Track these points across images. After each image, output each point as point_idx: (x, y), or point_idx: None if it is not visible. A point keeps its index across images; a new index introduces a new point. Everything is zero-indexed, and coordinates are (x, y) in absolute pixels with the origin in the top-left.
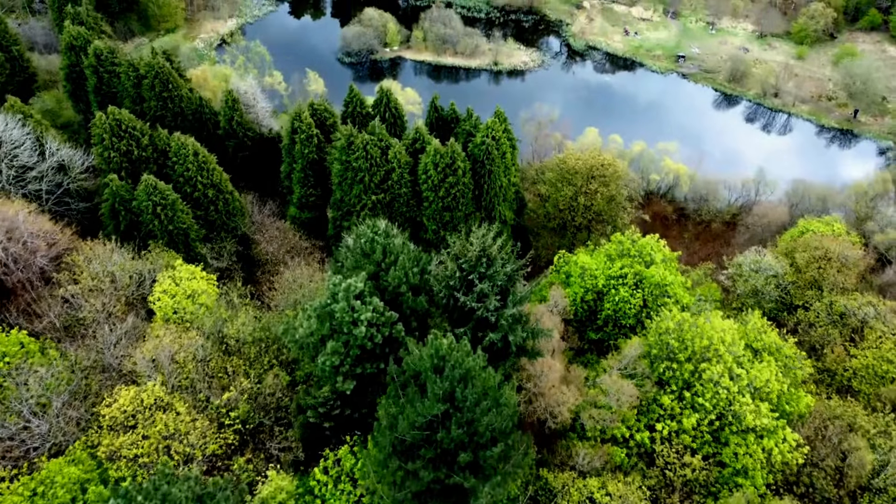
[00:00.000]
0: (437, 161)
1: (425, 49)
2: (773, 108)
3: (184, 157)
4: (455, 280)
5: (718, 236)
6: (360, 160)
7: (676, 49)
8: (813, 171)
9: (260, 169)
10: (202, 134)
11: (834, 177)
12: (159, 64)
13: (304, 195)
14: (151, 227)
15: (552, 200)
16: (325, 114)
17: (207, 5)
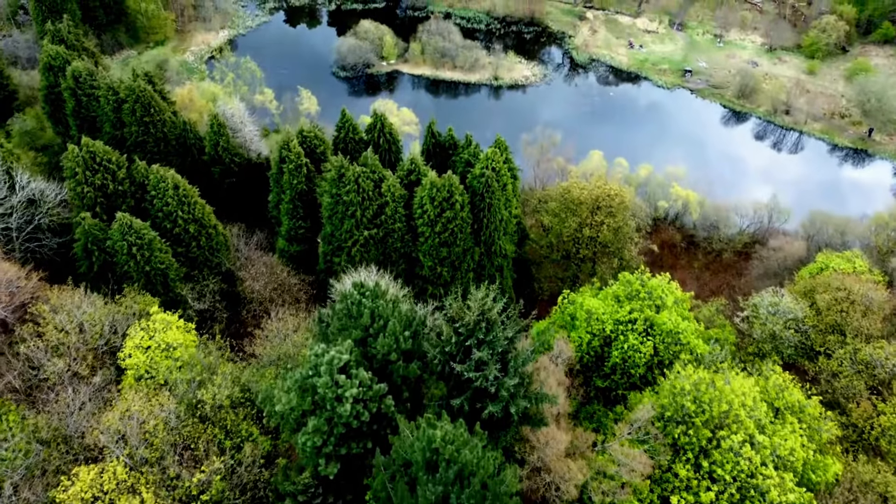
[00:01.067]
0: (434, 195)
1: (423, 62)
2: (784, 126)
3: (163, 190)
4: (451, 346)
5: (730, 266)
6: (352, 194)
7: (683, 63)
8: (827, 193)
9: (248, 196)
10: (186, 160)
11: (849, 200)
12: (140, 87)
13: (292, 227)
14: (127, 269)
15: (555, 231)
16: (315, 141)
17: (198, 17)
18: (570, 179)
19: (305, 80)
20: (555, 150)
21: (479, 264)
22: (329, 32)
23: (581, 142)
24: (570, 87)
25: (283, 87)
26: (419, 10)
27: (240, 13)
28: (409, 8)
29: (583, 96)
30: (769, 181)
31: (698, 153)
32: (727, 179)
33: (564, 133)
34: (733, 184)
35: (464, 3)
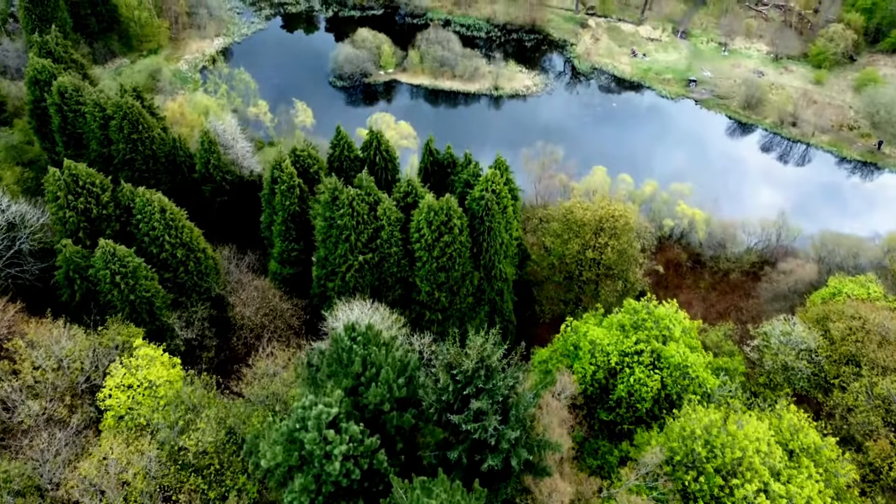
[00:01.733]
0: (431, 218)
1: (422, 72)
2: (790, 139)
3: (149, 214)
4: (448, 394)
5: (737, 287)
6: (346, 217)
7: (687, 72)
8: (836, 209)
9: (240, 215)
10: (176, 178)
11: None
12: (128, 104)
13: (285, 250)
14: (110, 298)
15: (557, 253)
16: (308, 160)
17: (193, 24)
18: (572, 197)
19: (301, 90)
20: (557, 166)
21: (478, 288)
22: (327, 39)
23: (584, 154)
24: (572, 96)
25: (279, 97)
26: (418, 18)
27: (235, 20)
28: (407, 15)
29: (585, 107)
30: (776, 196)
31: (704, 166)
32: (733, 194)
33: (566, 145)
34: (740, 199)
35: (463, 9)
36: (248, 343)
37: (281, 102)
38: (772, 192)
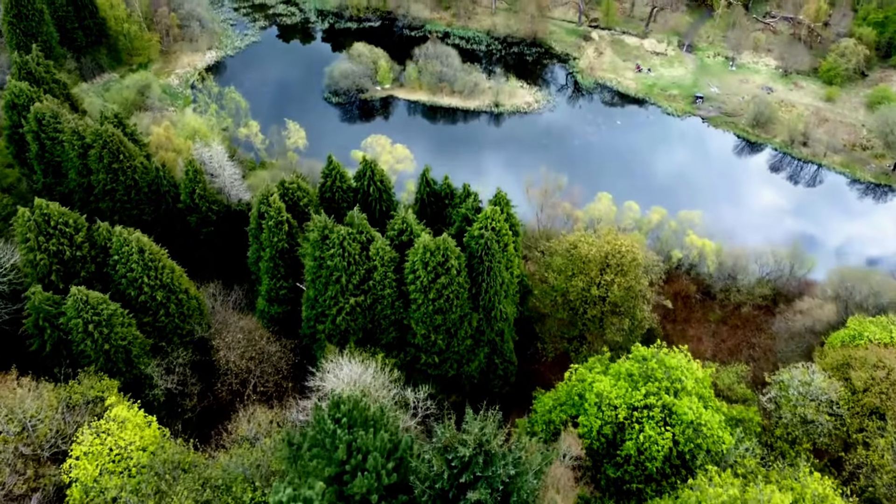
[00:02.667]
0: (427, 259)
1: (420, 87)
2: (801, 159)
3: (126, 255)
4: (442, 481)
5: (749, 321)
6: (336, 258)
7: (694, 88)
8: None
9: (227, 245)
10: (160, 208)
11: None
12: (108, 132)
13: (273, 287)
14: (83, 348)
15: (560, 289)
16: (298, 193)
17: (184, 37)
18: (576, 228)
19: (296, 106)
20: (561, 193)
21: (477, 330)
22: (322, 51)
23: (587, 175)
24: (575, 113)
25: (272, 114)
26: (416, 30)
27: (228, 32)
28: (405, 27)
29: (588, 124)
30: (788, 220)
31: (713, 190)
32: (743, 219)
33: (570, 166)
34: (750, 224)
35: (463, 21)
36: (232, 389)
37: (274, 119)
38: (783, 216)
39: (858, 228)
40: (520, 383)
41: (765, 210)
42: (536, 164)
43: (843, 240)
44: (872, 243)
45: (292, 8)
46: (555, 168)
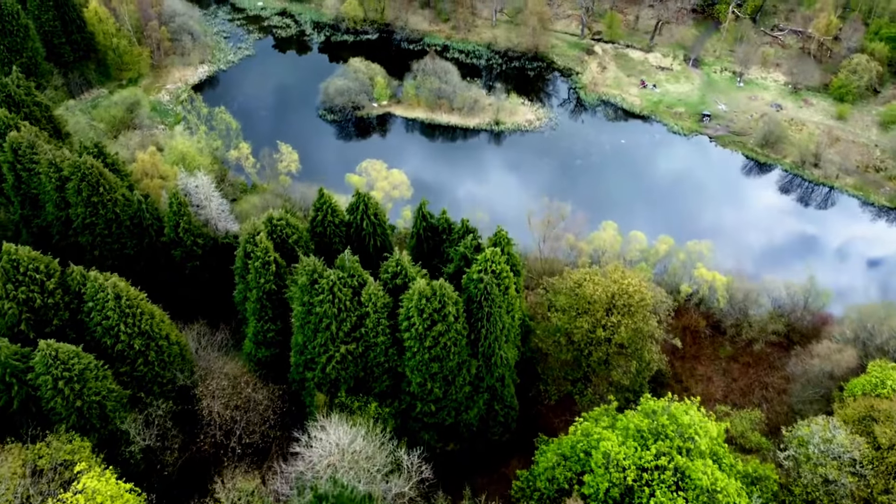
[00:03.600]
0: (423, 306)
1: (418, 104)
2: (813, 181)
3: (102, 302)
4: None
5: (762, 359)
6: (326, 305)
7: (700, 105)
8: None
9: (213, 281)
10: (143, 241)
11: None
12: (87, 164)
13: (260, 330)
14: (53, 405)
15: (564, 330)
16: (287, 230)
17: (176, 51)
18: (580, 263)
19: (289, 123)
20: (564, 224)
21: (476, 376)
22: (318, 65)
23: (591, 198)
24: (578, 131)
25: (264, 132)
26: (414, 43)
27: (221, 45)
28: (403, 40)
29: (591, 144)
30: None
31: (721, 215)
32: (753, 244)
33: (572, 188)
34: (760, 249)
35: (462, 34)
36: (216, 441)
37: (267, 137)
38: (794, 242)
39: (874, 255)
40: (521, 428)
41: (775, 236)
42: (538, 186)
43: (858, 267)
44: (890, 272)
45: (288, 20)
46: (557, 191)
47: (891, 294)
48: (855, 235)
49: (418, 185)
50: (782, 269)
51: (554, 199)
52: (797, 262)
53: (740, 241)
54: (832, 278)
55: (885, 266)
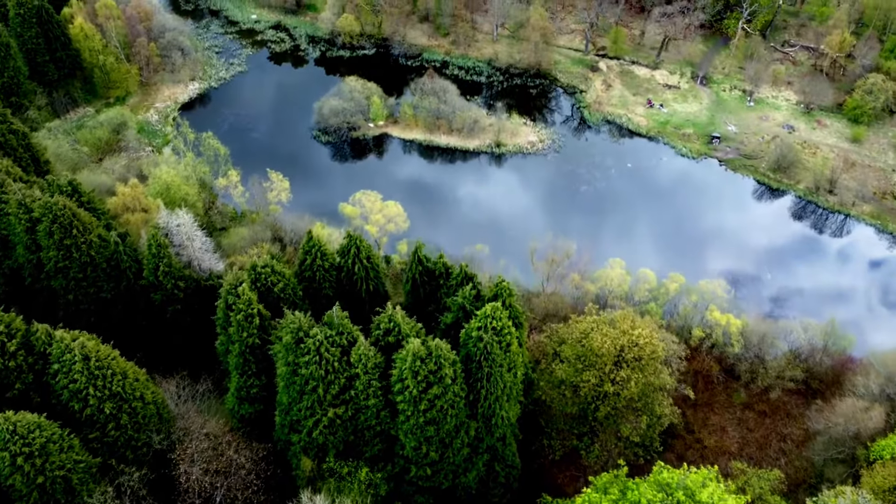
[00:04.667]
0: (417, 368)
1: (415, 124)
2: (827, 208)
3: (69, 363)
4: None
5: (780, 408)
6: (313, 366)
7: (709, 126)
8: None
9: (196, 325)
10: (121, 284)
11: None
12: (58, 205)
13: (243, 386)
14: (12, 482)
15: (569, 383)
16: (272, 278)
17: (165, 67)
18: (587, 310)
19: (282, 145)
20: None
21: (475, 438)
22: (313, 82)
23: (596, 227)
24: (582, 153)
25: (255, 155)
26: (413, 59)
27: (213, 61)
28: (401, 55)
29: (596, 168)
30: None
31: (731, 244)
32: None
33: (577, 216)
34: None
35: (462, 49)
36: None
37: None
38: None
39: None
40: (523, 486)
41: (790, 268)
42: (541, 214)
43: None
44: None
45: (282, 34)
46: (561, 220)
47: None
48: (873, 268)
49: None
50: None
51: (558, 234)
52: (813, 297)
53: (753, 274)
54: (850, 315)
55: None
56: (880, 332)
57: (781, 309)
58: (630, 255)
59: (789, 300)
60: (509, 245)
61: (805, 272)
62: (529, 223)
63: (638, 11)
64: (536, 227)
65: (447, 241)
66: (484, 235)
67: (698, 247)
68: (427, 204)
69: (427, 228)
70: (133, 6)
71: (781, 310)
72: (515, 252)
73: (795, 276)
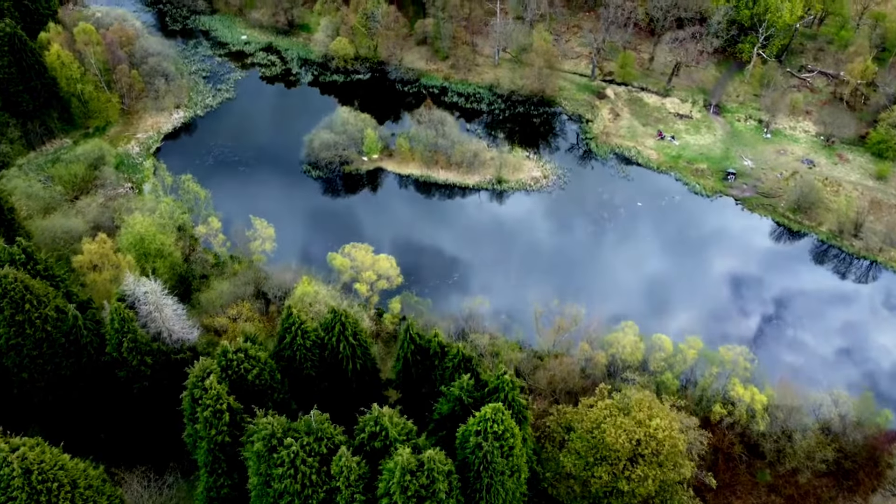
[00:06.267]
0: (407, 483)
1: (412, 158)
2: (853, 254)
3: (7, 479)
4: None
5: (809, 493)
6: (287, 480)
7: (724, 160)
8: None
9: (166, 402)
10: (81, 360)
11: None
12: (9, 278)
13: (213, 486)
14: None
15: (579, 477)
16: (246, 365)
17: (149, 94)
18: (598, 392)
19: (269, 181)
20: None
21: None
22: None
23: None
24: (589, 189)
25: (240, 193)
26: (410, 84)
27: (199, 87)
28: (398, 81)
29: (604, 206)
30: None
31: (750, 295)
32: (789, 336)
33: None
34: (797, 343)
35: (462, 74)
36: None
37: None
38: (836, 332)
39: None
40: None
41: (813, 323)
42: (546, 257)
43: None
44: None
45: (273, 56)
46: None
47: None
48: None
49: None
50: (826, 367)
51: (564, 280)
52: (843, 360)
53: (775, 331)
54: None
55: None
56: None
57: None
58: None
59: (815, 357)
60: (512, 294)
61: (829, 326)
62: (534, 268)
63: (647, 35)
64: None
65: (444, 291)
66: (484, 281)
67: (715, 297)
68: (423, 246)
69: (423, 273)
70: (115, 30)
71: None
72: (518, 303)
73: (820, 330)
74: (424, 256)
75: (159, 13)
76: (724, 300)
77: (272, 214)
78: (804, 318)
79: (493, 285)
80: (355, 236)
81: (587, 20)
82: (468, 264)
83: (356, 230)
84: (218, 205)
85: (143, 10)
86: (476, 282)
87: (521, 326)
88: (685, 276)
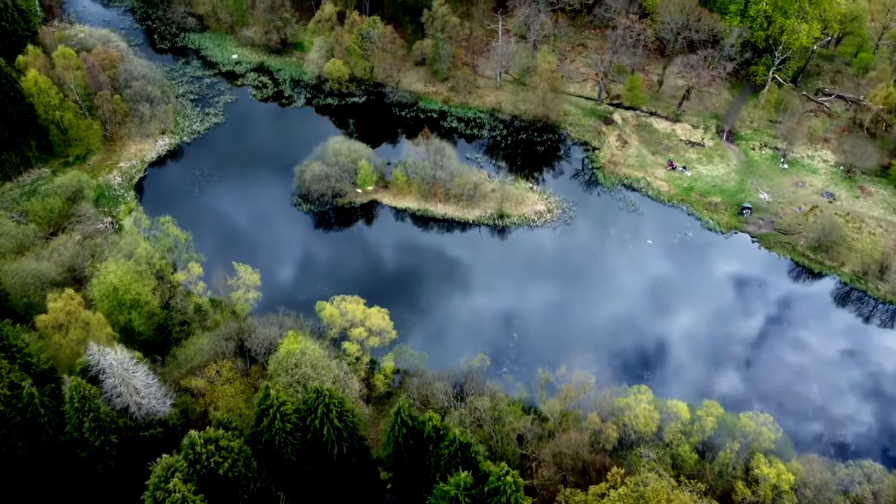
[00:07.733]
0: None
1: (408, 190)
2: (878, 298)
3: None
4: None
5: None
6: None
7: (739, 193)
8: None
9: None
10: (39, 439)
11: None
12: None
13: None
14: None
15: None
16: (217, 457)
17: (133, 119)
18: (610, 476)
19: (257, 217)
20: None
21: None
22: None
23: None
24: (595, 225)
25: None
26: (407, 108)
27: (186, 111)
28: (395, 105)
29: (612, 243)
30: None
31: (769, 349)
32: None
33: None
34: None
35: (462, 97)
36: None
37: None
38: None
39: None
40: None
41: (838, 379)
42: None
43: None
44: None
45: (265, 77)
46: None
47: None
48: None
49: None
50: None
51: (570, 331)
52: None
53: (796, 385)
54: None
55: None
56: None
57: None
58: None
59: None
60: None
61: (855, 380)
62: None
63: (657, 56)
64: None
65: (441, 340)
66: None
67: (733, 351)
68: (419, 290)
69: (418, 319)
70: (97, 52)
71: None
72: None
73: (846, 384)
74: (420, 298)
75: (148, 30)
76: (741, 351)
77: (259, 252)
78: (828, 369)
79: (495, 328)
80: (347, 276)
81: (593, 38)
82: (467, 306)
83: (348, 269)
84: (201, 243)
85: (133, 28)
86: (476, 324)
87: (525, 383)
88: (699, 322)
